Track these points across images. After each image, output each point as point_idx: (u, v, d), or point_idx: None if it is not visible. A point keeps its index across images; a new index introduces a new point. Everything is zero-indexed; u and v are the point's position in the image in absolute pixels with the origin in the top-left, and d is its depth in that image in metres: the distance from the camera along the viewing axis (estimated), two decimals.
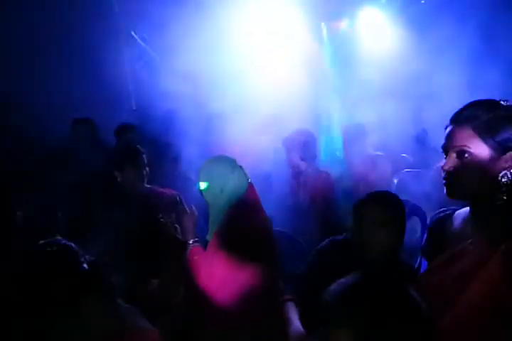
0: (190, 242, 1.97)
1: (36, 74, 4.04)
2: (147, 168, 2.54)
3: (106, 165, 2.54)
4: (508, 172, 1.09)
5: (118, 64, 4.61)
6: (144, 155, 2.55)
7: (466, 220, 1.22)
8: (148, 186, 2.59)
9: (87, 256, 1.25)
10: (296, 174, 3.08)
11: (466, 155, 1.12)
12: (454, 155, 1.15)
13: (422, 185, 2.98)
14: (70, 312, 1.16)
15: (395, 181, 3.81)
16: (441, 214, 1.35)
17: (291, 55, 4.58)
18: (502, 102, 1.15)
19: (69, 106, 3.92)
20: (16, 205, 2.14)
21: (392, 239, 1.84)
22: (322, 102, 4.51)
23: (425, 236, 1.39)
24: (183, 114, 3.56)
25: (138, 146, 2.64)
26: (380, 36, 5.64)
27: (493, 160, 1.11)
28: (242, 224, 1.90)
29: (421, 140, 3.81)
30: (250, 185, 1.99)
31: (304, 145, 3.01)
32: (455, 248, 1.16)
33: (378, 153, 3.72)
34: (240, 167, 2.02)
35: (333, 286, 0.94)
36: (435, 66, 4.44)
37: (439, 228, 1.31)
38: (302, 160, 3.02)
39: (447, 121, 1.21)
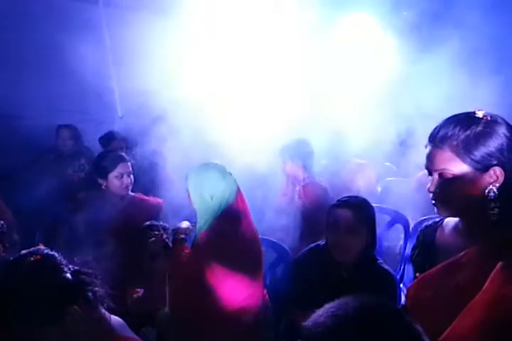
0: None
1: (22, 81, 4.00)
2: (132, 176, 2.53)
3: (90, 172, 2.52)
4: (494, 188, 1.09)
5: (102, 70, 4.58)
6: (129, 163, 2.53)
7: (456, 230, 1.22)
8: (133, 194, 2.58)
9: (70, 266, 1.23)
10: (292, 183, 3.08)
11: (449, 176, 1.13)
12: (436, 176, 1.16)
13: (405, 193, 3.03)
14: (54, 322, 1.14)
15: (379, 189, 3.86)
16: (429, 222, 1.35)
17: (275, 60, 4.62)
18: (479, 115, 1.13)
19: (55, 112, 3.88)
20: None
21: (363, 242, 1.96)
22: (305, 108, 4.54)
23: (413, 244, 1.40)
24: (171, 120, 3.56)
25: (122, 154, 2.62)
26: (369, 41, 5.73)
27: (476, 177, 1.10)
28: (230, 231, 1.90)
29: (404, 143, 3.84)
30: (239, 192, 1.99)
31: (303, 155, 3.04)
32: (448, 259, 1.15)
33: (362, 161, 3.77)
34: (230, 173, 2.01)
35: (319, 314, 0.84)
36: (424, 71, 4.51)
37: (428, 237, 1.30)
38: (303, 170, 3.03)
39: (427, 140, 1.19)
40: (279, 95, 4.06)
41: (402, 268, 2.83)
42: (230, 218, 1.92)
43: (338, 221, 1.96)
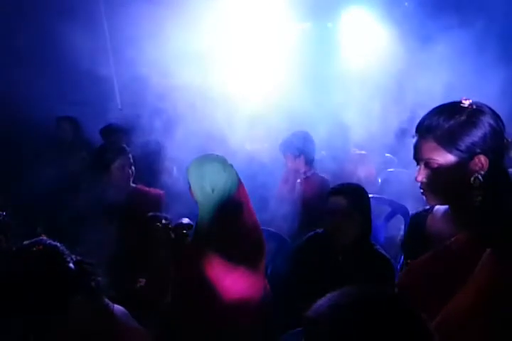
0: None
1: (21, 74, 3.98)
2: (133, 168, 2.53)
3: (91, 165, 2.52)
4: (479, 175, 1.11)
5: (102, 62, 4.56)
6: (130, 155, 2.54)
7: (447, 217, 1.25)
8: (134, 185, 2.59)
9: (73, 256, 1.24)
10: (294, 177, 3.09)
11: (435, 165, 1.15)
12: (423, 166, 1.19)
13: (405, 183, 3.03)
14: (57, 312, 1.15)
15: (379, 180, 3.86)
16: (420, 209, 1.38)
17: (273, 54, 4.59)
18: (464, 104, 1.14)
19: (55, 105, 3.87)
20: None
21: (358, 226, 2.07)
22: (305, 100, 4.53)
23: (404, 231, 1.42)
24: (171, 111, 3.55)
25: (124, 145, 2.62)
26: (366, 36, 5.69)
27: (461, 166, 1.12)
28: (232, 223, 1.90)
29: (404, 133, 3.82)
30: (241, 185, 1.99)
31: (305, 148, 3.02)
32: (438, 246, 1.18)
33: (362, 152, 3.77)
34: (231, 166, 2.01)
35: (320, 304, 0.83)
36: (420, 64, 4.49)
37: (419, 224, 1.33)
38: (305, 164, 3.03)
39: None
40: (281, 84, 4.05)
41: (402, 258, 2.85)
42: (231, 210, 1.92)
43: (334, 207, 2.07)
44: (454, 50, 3.84)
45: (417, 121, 1.23)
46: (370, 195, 2.23)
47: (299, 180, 3.06)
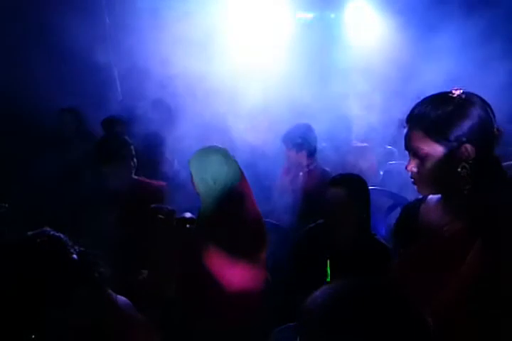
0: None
1: (20, 64, 3.96)
2: (134, 159, 2.53)
3: (93, 156, 2.52)
4: (466, 164, 1.12)
5: (101, 52, 4.52)
6: (132, 146, 2.53)
7: (438, 207, 1.26)
8: (136, 177, 2.59)
9: (76, 247, 1.24)
10: (295, 169, 3.08)
11: (422, 155, 1.17)
12: (412, 156, 1.20)
13: (407, 176, 3.02)
14: (61, 304, 1.15)
15: (381, 173, 3.86)
16: (413, 200, 1.41)
17: (276, 44, 4.56)
18: (453, 95, 1.15)
19: (56, 97, 3.86)
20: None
21: (358, 216, 2.09)
22: (307, 91, 4.51)
23: (396, 220, 1.44)
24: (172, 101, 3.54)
25: (125, 137, 2.62)
26: (368, 27, 5.65)
27: (449, 155, 1.14)
28: (234, 215, 1.91)
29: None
30: (242, 176, 1.99)
31: (307, 141, 3.00)
32: (431, 235, 1.20)
33: (364, 144, 3.75)
34: (233, 157, 2.01)
35: (317, 295, 0.83)
36: (423, 55, 4.46)
37: (411, 214, 1.34)
38: (307, 156, 3.01)
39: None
40: (283, 75, 4.02)
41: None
42: (233, 202, 1.92)
43: (333, 197, 2.08)
44: (458, 40, 3.81)
45: None
46: (371, 187, 2.23)
47: (301, 173, 3.05)
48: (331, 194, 2.11)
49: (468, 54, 3.74)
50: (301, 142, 3.00)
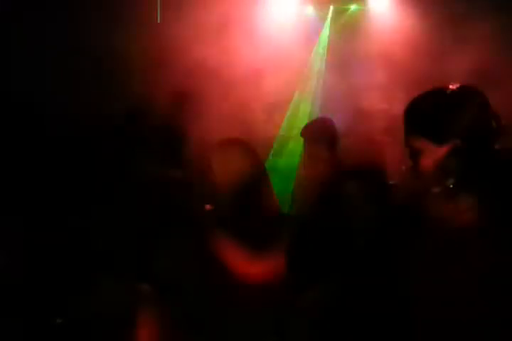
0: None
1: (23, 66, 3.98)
2: (159, 153, 2.56)
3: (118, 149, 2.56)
4: (455, 160, 1.13)
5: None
6: (155, 140, 2.56)
7: (440, 198, 1.24)
8: (159, 171, 2.61)
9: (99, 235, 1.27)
10: (314, 163, 3.07)
11: (414, 149, 1.19)
12: (407, 151, 1.23)
13: None
14: (84, 290, 1.19)
15: (403, 168, 3.81)
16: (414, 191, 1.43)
17: (295, 37, 4.51)
18: (448, 89, 1.16)
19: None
20: None
21: (374, 212, 1.97)
22: (327, 84, 4.47)
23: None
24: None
25: (149, 131, 2.65)
26: (390, 17, 5.53)
27: (437, 149, 1.14)
28: (253, 208, 1.92)
29: None
30: (263, 169, 2.00)
31: (327, 135, 2.99)
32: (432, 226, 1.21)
33: (385, 138, 3.71)
34: (254, 150, 2.01)
35: (312, 294, 0.82)
36: (447, 46, 4.36)
37: (413, 204, 1.35)
38: (326, 149, 2.99)
39: None
40: (303, 67, 3.99)
41: None
42: (253, 195, 1.93)
43: (348, 190, 2.03)
44: (483, 32, 3.71)
45: None
46: (391, 182, 2.21)
47: (320, 166, 3.04)
48: (346, 187, 2.10)
49: (494, 44, 3.65)
50: (321, 135, 2.98)
